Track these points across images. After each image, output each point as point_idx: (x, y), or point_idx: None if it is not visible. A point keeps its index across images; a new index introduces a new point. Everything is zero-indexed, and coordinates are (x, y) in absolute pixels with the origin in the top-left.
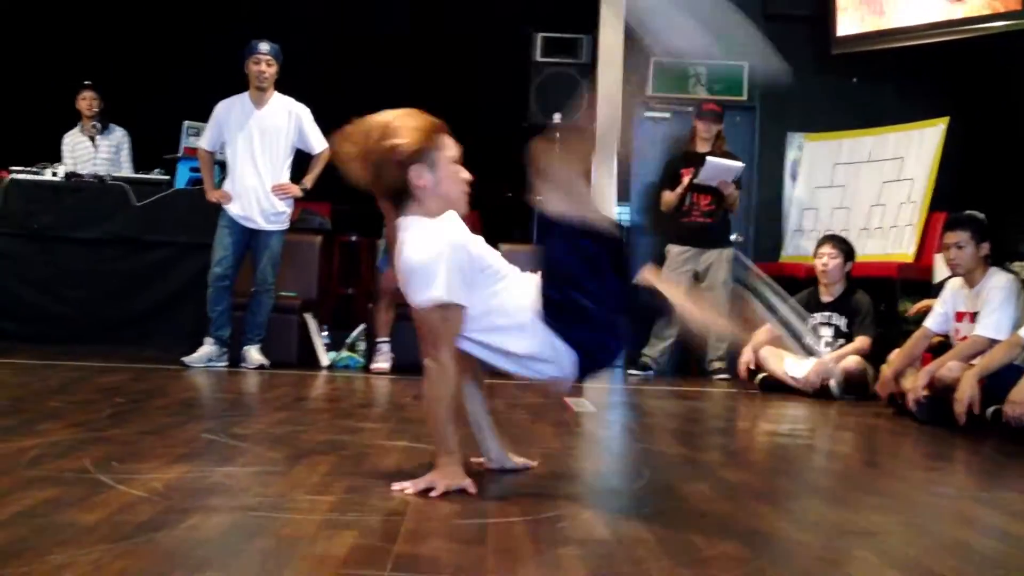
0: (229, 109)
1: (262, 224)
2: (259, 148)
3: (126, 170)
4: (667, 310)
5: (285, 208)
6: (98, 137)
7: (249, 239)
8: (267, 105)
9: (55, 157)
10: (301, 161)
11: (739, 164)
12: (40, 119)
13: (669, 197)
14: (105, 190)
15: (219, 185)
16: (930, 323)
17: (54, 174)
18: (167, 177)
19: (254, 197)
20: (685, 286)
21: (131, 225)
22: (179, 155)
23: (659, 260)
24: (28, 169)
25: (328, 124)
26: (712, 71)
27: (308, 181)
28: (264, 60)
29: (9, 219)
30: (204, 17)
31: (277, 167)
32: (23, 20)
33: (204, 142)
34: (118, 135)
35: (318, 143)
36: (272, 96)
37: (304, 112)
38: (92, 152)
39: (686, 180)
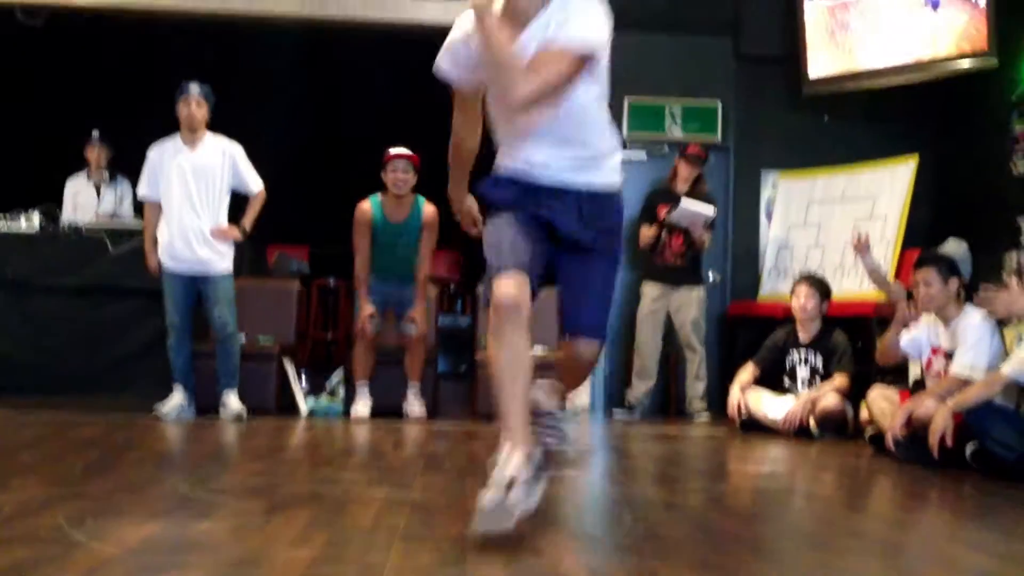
0: (161, 152)
1: (207, 269)
2: (195, 189)
3: (128, 218)
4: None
5: (227, 250)
6: (104, 186)
7: (197, 285)
8: (200, 145)
9: (37, 201)
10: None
11: (710, 211)
12: (22, 166)
13: (646, 232)
14: (82, 239)
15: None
16: (901, 339)
17: (28, 222)
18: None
19: (193, 240)
20: (655, 325)
21: (107, 273)
22: None
23: (635, 298)
24: (4, 215)
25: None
26: (687, 110)
27: (247, 223)
28: (194, 100)
29: None
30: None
31: (214, 208)
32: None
33: (143, 189)
34: (123, 186)
35: (254, 183)
36: (205, 135)
37: (238, 150)
38: (95, 201)
39: (662, 216)
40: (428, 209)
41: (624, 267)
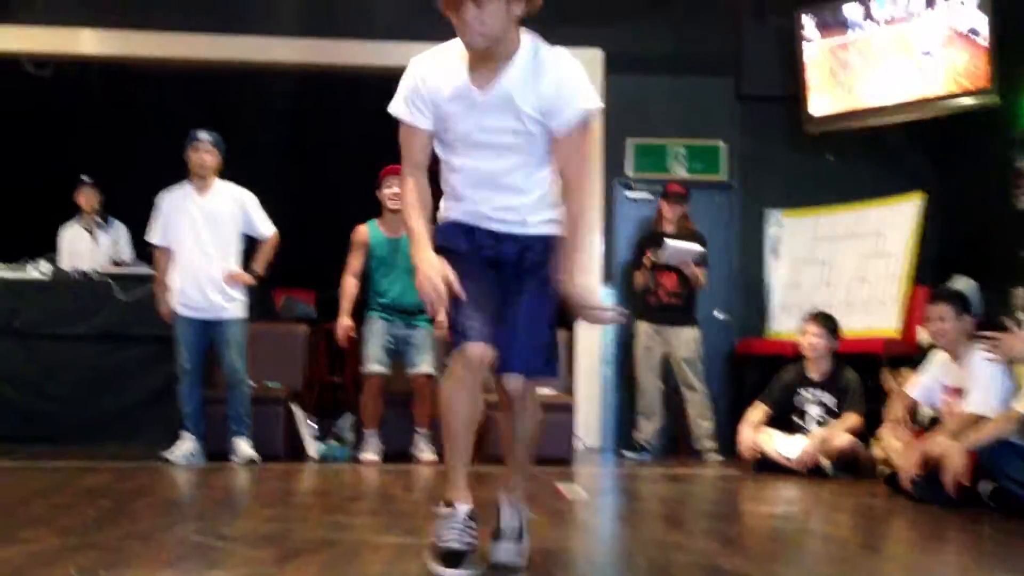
0: (171, 199)
1: (219, 314)
2: (206, 235)
3: (127, 257)
4: None
5: (239, 296)
6: (98, 231)
7: (209, 331)
8: (210, 192)
9: (37, 252)
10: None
11: (696, 248)
12: (24, 216)
13: (638, 277)
14: (91, 286)
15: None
16: (910, 389)
17: (37, 270)
18: (153, 271)
19: (205, 285)
20: (653, 364)
21: (116, 320)
22: None
23: (629, 338)
24: (12, 266)
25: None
26: (691, 150)
27: (259, 267)
28: (203, 147)
29: None
30: (196, 111)
31: (226, 254)
32: (10, 115)
33: (154, 237)
34: (117, 229)
35: (266, 228)
36: (214, 182)
37: (249, 197)
38: (92, 246)
39: (646, 260)
40: None
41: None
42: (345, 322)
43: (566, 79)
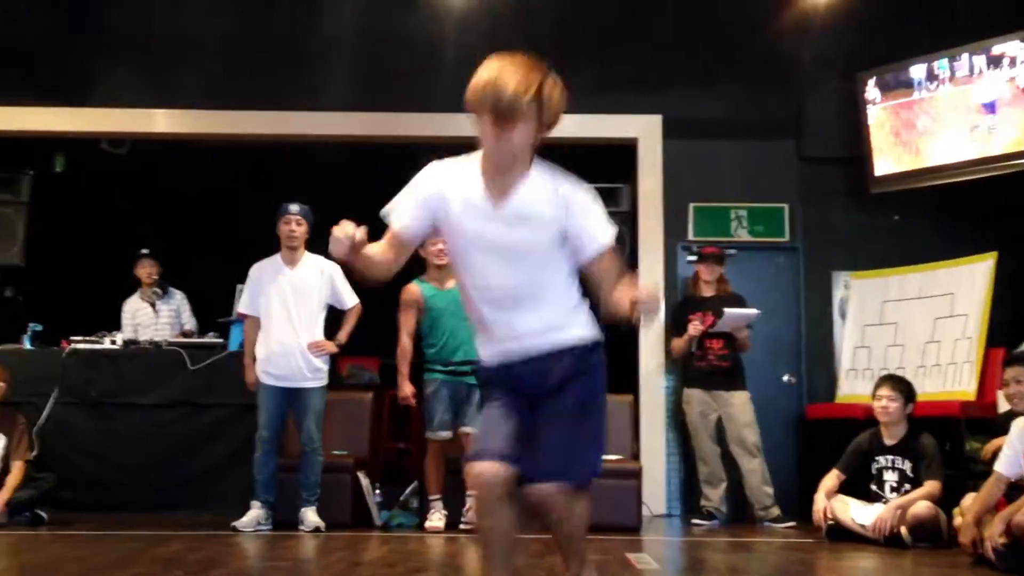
0: (262, 270)
1: (302, 383)
2: (293, 306)
3: (190, 326)
4: None
5: (322, 365)
6: (158, 303)
7: (290, 399)
8: (299, 264)
9: (113, 325)
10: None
11: (755, 311)
12: (97, 289)
13: (678, 344)
14: (161, 355)
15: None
16: (1000, 466)
17: (112, 342)
18: (221, 340)
19: (292, 354)
20: (710, 430)
21: (186, 389)
22: (232, 318)
23: (677, 403)
24: (87, 339)
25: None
26: (753, 213)
27: (342, 336)
28: (294, 220)
29: (69, 389)
30: (255, 183)
31: (312, 324)
32: (74, 193)
33: (243, 306)
34: (177, 298)
35: (350, 298)
36: (303, 255)
37: (336, 270)
38: (153, 318)
39: (693, 328)
40: None
41: (664, 373)
42: (407, 389)
43: (587, 211)
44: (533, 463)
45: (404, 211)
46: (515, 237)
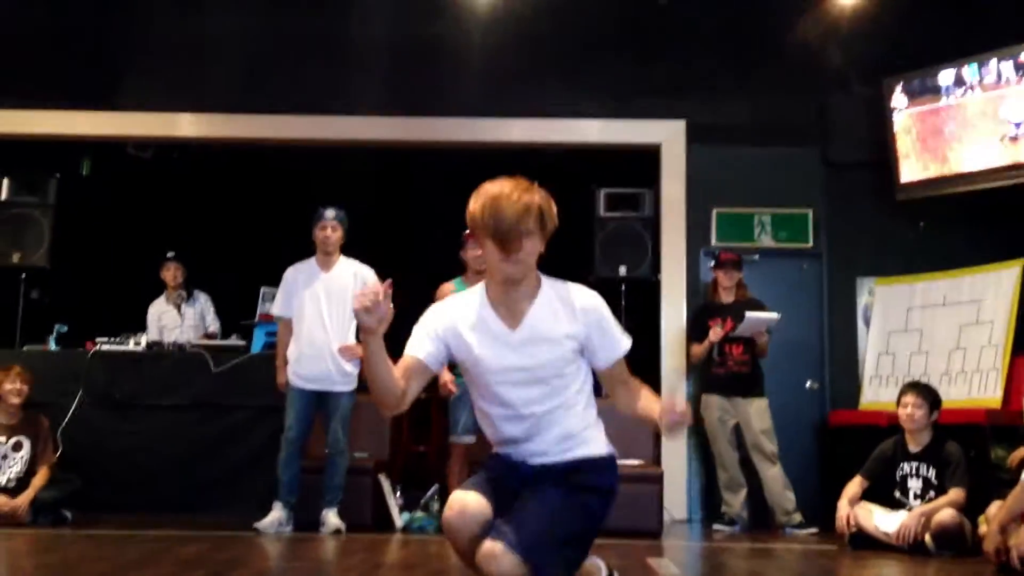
0: (297, 273)
1: (331, 386)
2: (327, 310)
3: (214, 328)
4: None
5: (352, 369)
6: (184, 305)
7: (319, 402)
8: (334, 268)
9: (137, 327)
10: None
11: (775, 314)
12: (122, 291)
13: (697, 350)
14: (185, 358)
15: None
16: None
17: (136, 344)
18: (243, 342)
19: (323, 357)
20: (729, 435)
21: (209, 391)
22: (256, 320)
23: (695, 408)
24: (112, 340)
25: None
26: (777, 218)
27: None
28: (329, 225)
29: (93, 390)
30: (279, 187)
31: (343, 328)
32: (100, 196)
33: (277, 308)
34: (201, 301)
35: None
36: (338, 259)
37: (369, 274)
38: (178, 320)
39: (713, 333)
40: None
41: (684, 379)
42: (445, 376)
43: (602, 324)
44: (502, 522)
45: (421, 343)
46: (535, 358)
